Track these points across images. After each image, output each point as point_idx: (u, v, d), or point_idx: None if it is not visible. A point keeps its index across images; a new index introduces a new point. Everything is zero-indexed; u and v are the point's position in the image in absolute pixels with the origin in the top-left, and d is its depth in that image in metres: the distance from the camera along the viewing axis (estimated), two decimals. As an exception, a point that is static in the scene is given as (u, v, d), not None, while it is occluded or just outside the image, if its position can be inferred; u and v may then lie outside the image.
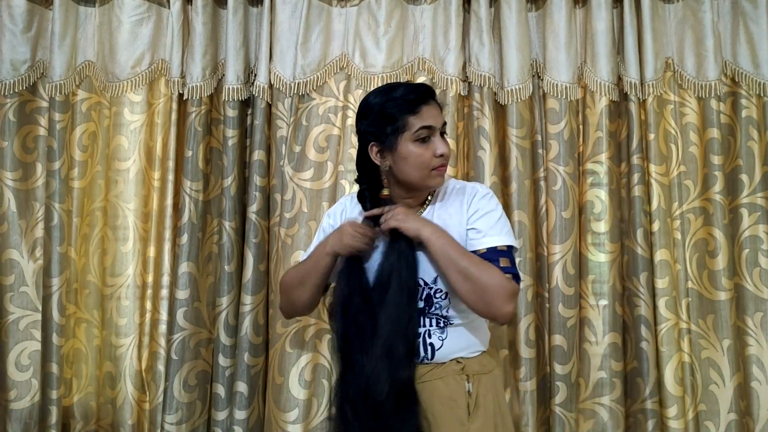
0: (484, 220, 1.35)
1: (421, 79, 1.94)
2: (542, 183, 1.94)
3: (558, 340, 1.84)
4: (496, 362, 1.44)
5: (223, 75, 1.99)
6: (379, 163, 1.37)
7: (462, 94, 1.95)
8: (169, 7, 2.02)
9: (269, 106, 1.98)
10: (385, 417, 1.24)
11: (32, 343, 1.94)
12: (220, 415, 1.88)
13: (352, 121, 1.94)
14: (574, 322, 1.86)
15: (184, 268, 1.92)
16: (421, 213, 1.41)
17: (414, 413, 1.26)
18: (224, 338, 1.90)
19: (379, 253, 1.37)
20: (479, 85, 1.92)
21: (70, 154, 1.95)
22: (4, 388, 1.92)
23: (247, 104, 2.02)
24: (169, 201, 1.98)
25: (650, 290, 1.87)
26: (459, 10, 1.93)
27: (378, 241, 1.38)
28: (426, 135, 1.33)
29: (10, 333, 1.94)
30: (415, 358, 1.31)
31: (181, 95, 1.99)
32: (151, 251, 1.97)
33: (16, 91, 1.98)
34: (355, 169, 1.87)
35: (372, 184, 1.41)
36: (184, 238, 1.93)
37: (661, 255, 1.88)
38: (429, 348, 1.36)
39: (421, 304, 1.36)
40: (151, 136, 2.03)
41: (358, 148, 1.42)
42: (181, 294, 1.91)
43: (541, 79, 1.96)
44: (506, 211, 1.89)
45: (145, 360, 1.95)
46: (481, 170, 1.89)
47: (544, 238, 1.91)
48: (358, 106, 1.89)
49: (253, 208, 1.92)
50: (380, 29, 1.96)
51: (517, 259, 1.84)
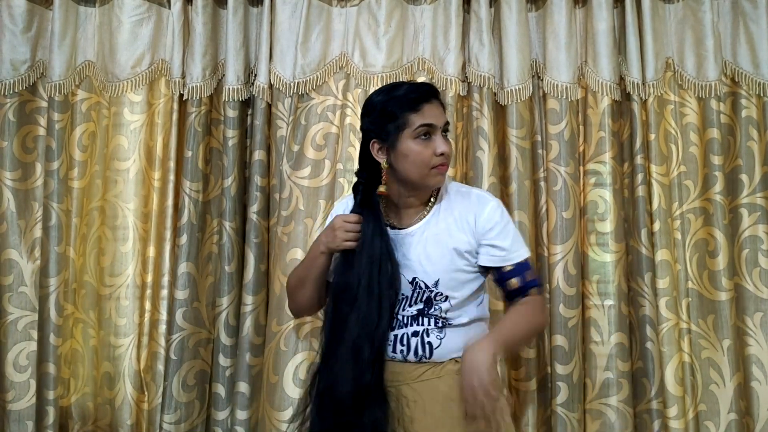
0: (503, 237, 1.39)
1: (421, 80, 1.94)
2: (542, 183, 1.94)
3: (559, 340, 1.83)
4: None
5: (223, 75, 1.99)
6: (380, 160, 1.38)
7: (461, 94, 1.95)
8: (170, 8, 2.02)
9: (269, 106, 1.98)
10: (345, 415, 1.27)
11: (31, 344, 1.92)
12: (221, 415, 1.87)
13: (350, 119, 1.94)
14: (576, 322, 1.85)
15: (184, 268, 1.91)
16: (425, 213, 1.42)
17: (377, 414, 1.27)
18: (224, 338, 1.89)
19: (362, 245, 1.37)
20: (479, 85, 1.92)
21: (70, 154, 1.95)
22: (3, 389, 1.91)
23: (247, 104, 2.02)
24: (169, 201, 1.97)
25: (654, 290, 1.86)
26: (459, 10, 1.93)
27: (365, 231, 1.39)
28: (426, 132, 1.34)
29: (9, 333, 1.93)
30: (382, 360, 1.33)
31: (181, 95, 1.99)
32: (151, 251, 1.97)
33: (16, 91, 1.98)
34: (352, 168, 1.90)
35: (370, 180, 1.42)
36: (184, 239, 1.92)
37: (662, 255, 1.88)
38: (427, 347, 1.36)
39: (420, 306, 1.37)
40: (151, 136, 2.03)
41: (360, 145, 1.44)
42: (181, 294, 1.90)
43: (541, 80, 1.96)
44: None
45: (144, 360, 1.94)
46: (479, 171, 1.88)
47: (545, 239, 1.91)
48: (362, 104, 1.92)
49: (253, 209, 1.92)
50: (380, 29, 1.96)
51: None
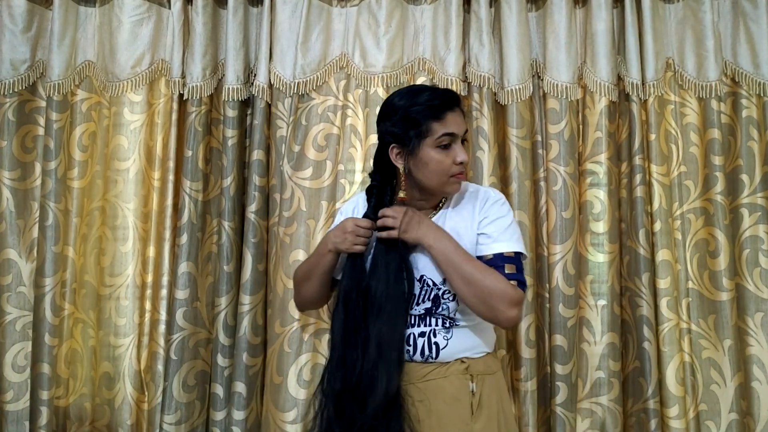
0: (493, 226, 1.37)
1: (421, 80, 1.95)
2: (542, 183, 1.94)
3: (559, 340, 1.83)
4: (499, 365, 1.44)
5: (223, 75, 1.99)
6: (399, 165, 1.37)
7: (462, 94, 1.94)
8: (170, 8, 2.02)
9: (269, 106, 1.98)
10: (370, 417, 1.25)
11: (29, 344, 1.91)
12: (219, 415, 1.87)
13: (351, 120, 1.93)
14: (575, 322, 1.85)
15: (184, 268, 1.91)
16: (433, 216, 1.42)
17: (399, 417, 1.27)
18: (223, 338, 1.89)
19: (372, 250, 1.37)
20: (478, 85, 1.92)
21: (69, 154, 1.94)
22: (1, 390, 1.90)
23: (247, 104, 2.02)
24: (169, 201, 1.97)
25: (652, 291, 1.86)
26: (459, 10, 1.93)
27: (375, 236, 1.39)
28: (448, 142, 1.34)
29: (7, 333, 1.92)
30: (402, 364, 1.32)
31: (181, 95, 1.99)
32: (151, 251, 1.96)
33: (16, 90, 1.98)
34: (353, 168, 1.91)
35: (384, 183, 1.42)
36: (184, 238, 1.92)
37: (663, 255, 1.87)
38: (434, 347, 1.36)
39: (428, 305, 1.37)
40: (151, 136, 2.03)
41: (377, 147, 1.42)
42: (181, 294, 1.90)
43: (541, 79, 1.96)
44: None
45: (144, 360, 1.94)
46: (479, 171, 1.88)
47: (545, 239, 1.91)
48: (362, 105, 1.92)
49: (252, 208, 1.91)
50: (380, 29, 1.96)
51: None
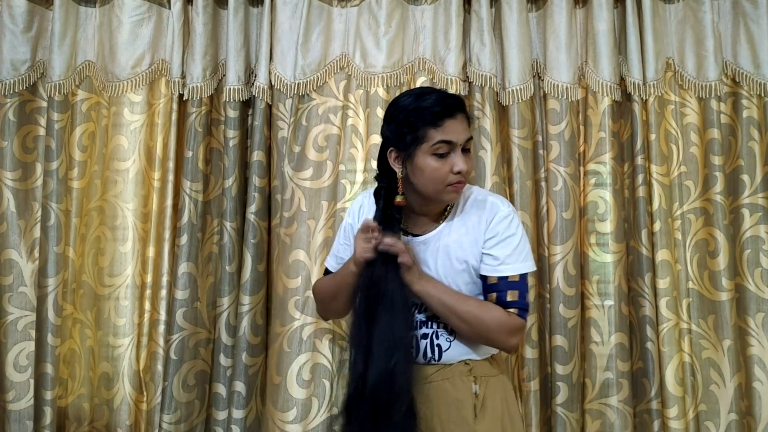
0: (500, 247, 1.34)
1: (421, 80, 1.95)
2: (543, 184, 1.94)
3: (559, 340, 1.83)
4: (504, 367, 1.44)
5: (224, 75, 1.99)
6: (397, 170, 1.35)
7: (462, 94, 1.94)
8: (170, 8, 2.02)
9: (269, 106, 1.98)
10: (390, 420, 1.24)
11: (31, 344, 1.92)
12: (221, 415, 1.87)
13: (352, 121, 1.94)
14: (575, 322, 1.85)
15: (184, 268, 1.91)
16: (437, 228, 1.40)
17: (415, 421, 1.26)
18: (225, 338, 1.89)
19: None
20: (480, 85, 1.92)
21: (69, 154, 1.95)
22: (3, 389, 1.91)
23: (248, 105, 2.01)
24: (169, 201, 1.97)
25: (653, 291, 1.86)
26: (459, 10, 1.93)
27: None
28: (446, 150, 1.29)
29: (9, 333, 1.93)
30: (411, 367, 1.31)
31: (181, 96, 1.99)
32: (151, 251, 1.97)
33: (16, 90, 1.98)
34: (354, 169, 1.91)
35: (389, 187, 1.39)
36: (184, 239, 1.92)
37: (662, 255, 1.87)
38: (436, 349, 1.35)
39: (430, 312, 1.36)
40: (151, 136, 2.03)
41: (379, 149, 1.41)
42: (181, 294, 1.90)
43: (542, 80, 1.96)
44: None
45: (143, 360, 1.94)
46: (482, 171, 1.88)
47: (545, 239, 1.91)
48: (363, 105, 1.93)
49: (252, 209, 1.91)
50: (381, 29, 1.96)
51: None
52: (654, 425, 1.81)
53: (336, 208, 1.89)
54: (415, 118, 1.30)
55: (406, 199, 1.36)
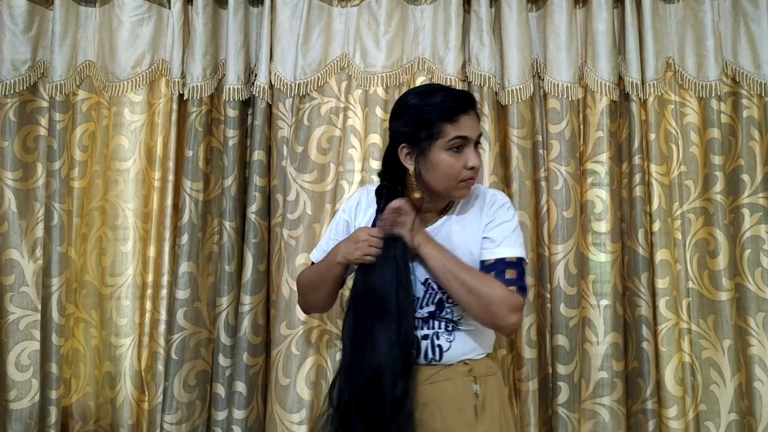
0: (498, 230, 1.35)
1: (420, 80, 1.95)
2: (543, 183, 1.94)
3: (560, 340, 1.83)
4: (499, 365, 1.44)
5: (224, 75, 1.99)
6: (409, 166, 1.34)
7: (462, 94, 1.94)
8: (170, 8, 2.02)
9: (269, 106, 1.98)
10: (388, 419, 1.24)
11: (32, 343, 1.93)
12: (220, 415, 1.87)
13: (351, 121, 1.94)
14: (577, 322, 1.85)
15: (184, 268, 1.91)
16: (439, 220, 1.40)
17: (408, 423, 1.26)
18: (224, 338, 1.89)
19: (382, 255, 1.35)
20: (479, 84, 1.92)
21: (71, 154, 1.95)
22: (4, 388, 1.92)
23: (247, 104, 2.01)
24: (170, 201, 1.97)
25: (651, 290, 1.86)
26: (459, 10, 1.93)
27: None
28: (460, 144, 1.30)
29: (10, 333, 1.93)
30: (411, 369, 1.30)
31: (181, 95, 1.99)
32: (151, 251, 1.97)
33: (17, 91, 1.98)
34: (353, 168, 1.91)
35: (394, 183, 1.39)
36: (184, 238, 1.92)
37: (662, 255, 1.87)
38: (437, 350, 1.36)
39: (432, 308, 1.37)
40: (152, 136, 2.03)
41: (387, 145, 1.41)
42: (181, 294, 1.91)
43: (542, 79, 1.95)
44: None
45: (144, 360, 1.95)
46: (480, 170, 1.88)
47: (546, 238, 1.91)
48: (363, 105, 1.92)
49: (252, 209, 1.91)
50: (380, 29, 1.95)
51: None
52: (649, 425, 1.81)
53: (336, 210, 1.89)
54: (429, 114, 1.29)
55: (422, 195, 1.35)
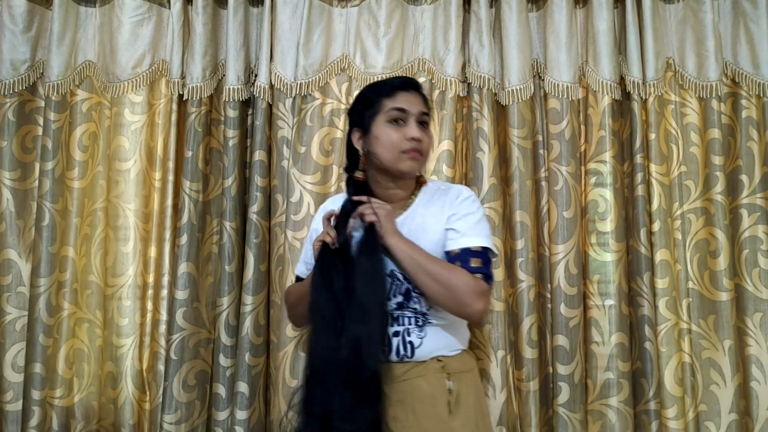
0: (462, 222, 1.37)
1: (420, 80, 1.94)
2: (544, 183, 1.94)
3: (561, 340, 1.83)
4: (475, 363, 1.44)
5: (224, 75, 1.99)
6: (359, 147, 1.41)
7: (461, 95, 1.95)
8: (170, 8, 2.02)
9: (270, 106, 1.98)
10: (345, 403, 1.23)
11: (29, 345, 1.92)
12: (221, 415, 1.86)
13: (351, 121, 1.94)
14: (577, 322, 1.85)
15: (184, 268, 1.91)
16: (403, 213, 1.41)
17: (375, 405, 1.24)
18: (225, 338, 1.88)
19: (355, 244, 1.35)
20: (478, 86, 1.93)
21: (69, 154, 1.94)
22: (0, 390, 1.90)
23: (247, 105, 2.01)
24: (169, 201, 1.97)
25: (652, 290, 1.87)
26: (459, 11, 1.94)
27: (355, 229, 1.37)
28: (399, 117, 1.37)
29: (7, 334, 1.92)
30: (384, 353, 1.31)
31: (181, 96, 1.99)
32: (152, 251, 1.97)
33: (16, 90, 1.98)
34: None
35: (355, 171, 1.44)
36: (184, 239, 1.92)
37: (662, 255, 1.88)
38: (408, 346, 1.35)
39: (399, 299, 1.36)
40: (152, 136, 2.02)
41: (346, 137, 1.47)
42: (181, 294, 1.90)
43: (542, 80, 1.96)
44: (507, 212, 1.91)
45: (146, 360, 1.94)
46: (480, 171, 1.89)
47: (546, 238, 1.91)
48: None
49: (254, 209, 1.91)
50: (380, 30, 1.96)
51: (519, 260, 1.86)
52: (652, 426, 1.81)
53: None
54: (370, 94, 1.41)
55: (365, 175, 1.42)
